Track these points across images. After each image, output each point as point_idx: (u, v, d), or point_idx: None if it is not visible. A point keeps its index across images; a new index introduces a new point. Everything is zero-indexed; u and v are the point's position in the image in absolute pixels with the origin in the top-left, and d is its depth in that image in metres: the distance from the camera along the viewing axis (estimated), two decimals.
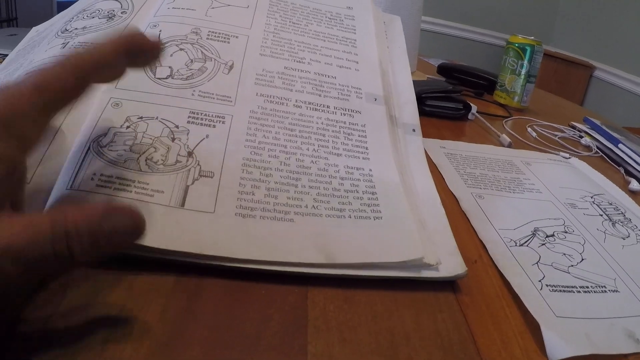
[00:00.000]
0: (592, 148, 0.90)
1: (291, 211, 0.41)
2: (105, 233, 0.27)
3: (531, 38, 1.10)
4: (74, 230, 0.26)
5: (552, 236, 0.51)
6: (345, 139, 0.49)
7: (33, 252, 0.25)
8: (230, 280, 0.36)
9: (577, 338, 0.37)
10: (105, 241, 0.27)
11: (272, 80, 0.51)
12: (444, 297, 0.39)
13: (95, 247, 0.27)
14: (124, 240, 0.29)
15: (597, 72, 3.82)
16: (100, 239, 0.27)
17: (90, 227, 0.27)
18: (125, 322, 0.31)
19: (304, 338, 0.32)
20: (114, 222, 0.28)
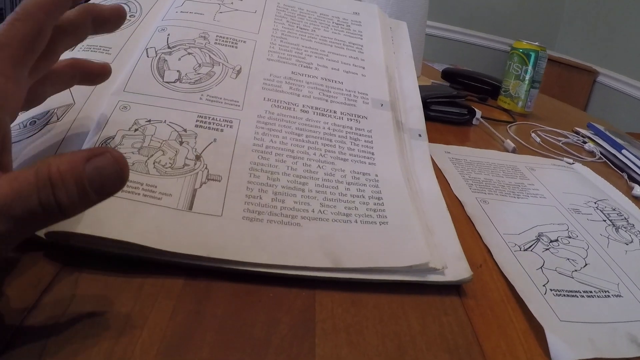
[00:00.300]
0: (595, 154, 0.90)
1: (298, 215, 0.41)
2: (90, 179, 0.27)
3: (536, 44, 1.10)
4: (59, 178, 0.26)
5: (556, 241, 0.51)
6: (351, 144, 0.49)
7: (19, 206, 0.25)
8: (239, 283, 0.36)
9: (580, 342, 0.37)
10: (91, 187, 0.27)
11: (279, 85, 0.52)
12: (450, 300, 0.39)
13: (83, 195, 0.27)
14: (111, 185, 0.28)
15: (600, 77, 3.80)
16: (86, 185, 0.26)
17: (75, 174, 0.26)
18: (134, 324, 0.31)
19: (312, 341, 0.32)
20: (98, 165, 0.27)
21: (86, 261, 0.35)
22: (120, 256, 0.35)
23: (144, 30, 0.54)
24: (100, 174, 0.27)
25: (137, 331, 0.30)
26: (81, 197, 0.26)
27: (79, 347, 0.28)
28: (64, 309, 0.31)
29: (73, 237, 0.34)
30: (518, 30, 4.12)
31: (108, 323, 0.30)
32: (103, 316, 0.31)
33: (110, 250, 0.35)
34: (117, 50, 0.51)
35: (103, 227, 0.35)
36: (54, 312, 0.31)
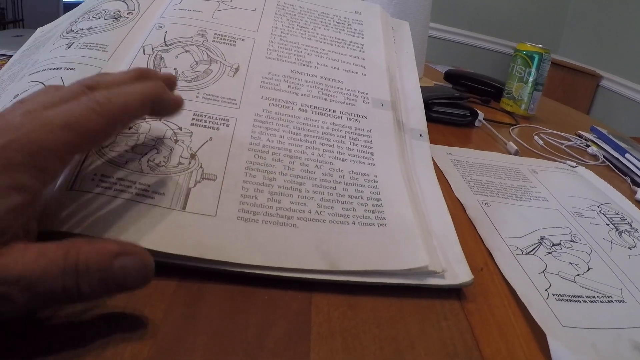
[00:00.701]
0: (598, 157, 0.89)
1: (294, 216, 0.40)
2: (114, 274, 0.28)
3: (539, 46, 1.10)
4: (85, 267, 0.27)
5: (559, 245, 0.50)
6: (350, 144, 0.48)
7: (43, 284, 0.26)
8: (233, 285, 0.35)
9: (583, 348, 0.36)
10: (113, 282, 0.28)
11: (277, 83, 0.51)
12: (450, 304, 0.38)
13: (104, 287, 0.28)
14: (133, 283, 0.29)
15: (603, 81, 3.80)
16: (109, 279, 0.28)
17: (101, 269, 0.27)
18: (125, 326, 0.30)
19: (306, 345, 0.32)
20: (124, 265, 0.28)
21: None
22: None
23: (141, 28, 0.53)
24: (125, 274, 0.28)
25: (127, 334, 0.30)
26: (101, 289, 0.28)
27: (67, 350, 0.28)
28: (54, 310, 0.30)
29: (66, 237, 0.33)
30: (521, 34, 4.11)
31: (97, 326, 0.30)
32: (92, 318, 0.30)
33: None
34: (113, 47, 0.50)
35: (95, 227, 0.34)
36: (42, 314, 0.30)
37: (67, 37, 0.52)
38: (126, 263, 0.28)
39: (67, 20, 0.57)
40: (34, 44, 0.58)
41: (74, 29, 0.53)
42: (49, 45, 0.53)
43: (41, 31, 0.62)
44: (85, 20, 0.54)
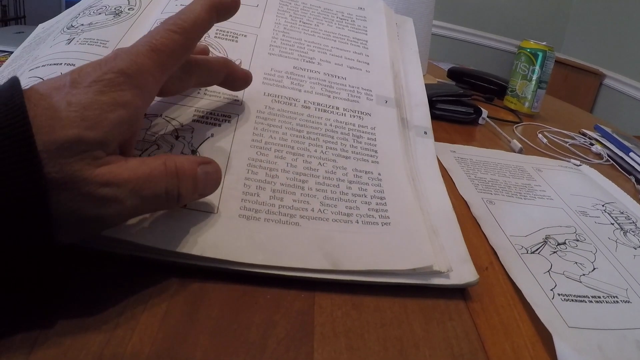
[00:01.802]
0: (603, 156, 0.89)
1: (297, 214, 0.40)
2: (200, 180, 0.34)
3: (543, 44, 1.09)
4: (183, 173, 0.32)
5: (564, 244, 0.50)
6: (354, 142, 0.48)
7: (148, 187, 0.30)
8: (235, 284, 0.35)
9: (589, 349, 0.36)
10: (201, 185, 0.34)
11: (280, 80, 0.50)
12: (454, 304, 0.38)
13: (193, 191, 0.34)
14: (213, 187, 0.36)
15: (607, 80, 3.80)
16: (199, 183, 0.34)
17: (192, 173, 0.33)
18: (124, 326, 0.30)
19: (310, 345, 0.31)
20: (207, 171, 0.35)
21: (77, 260, 0.34)
22: (112, 255, 0.34)
23: (143, 23, 0.53)
24: (206, 178, 0.35)
25: (128, 333, 0.29)
26: (191, 193, 0.34)
27: (67, 348, 0.28)
28: (54, 309, 0.30)
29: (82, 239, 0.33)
30: (525, 32, 4.12)
31: (98, 324, 0.30)
32: (93, 317, 0.30)
33: (101, 249, 0.34)
34: (114, 43, 0.49)
35: None
36: (42, 312, 0.30)
37: (67, 32, 0.51)
38: (208, 169, 0.35)
39: (68, 16, 0.57)
40: (35, 40, 0.57)
41: (75, 25, 0.52)
42: (49, 41, 0.52)
43: (42, 27, 0.61)
44: (86, 16, 0.54)
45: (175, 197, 0.32)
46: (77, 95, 0.29)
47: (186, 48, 0.35)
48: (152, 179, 0.30)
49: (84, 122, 0.28)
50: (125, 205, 0.29)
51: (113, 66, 0.31)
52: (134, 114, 0.31)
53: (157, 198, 0.31)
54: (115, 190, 0.28)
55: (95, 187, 0.27)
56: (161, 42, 0.33)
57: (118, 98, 0.30)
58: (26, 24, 3.95)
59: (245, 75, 0.45)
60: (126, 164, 0.30)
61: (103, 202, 0.28)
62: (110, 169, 0.28)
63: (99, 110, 0.29)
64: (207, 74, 0.42)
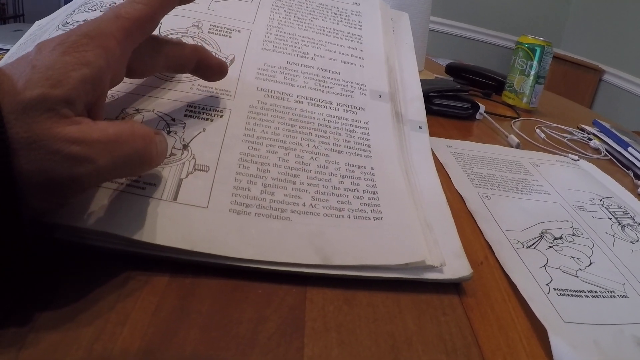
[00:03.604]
0: (601, 151, 0.89)
1: (288, 209, 0.39)
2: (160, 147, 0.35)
3: (541, 39, 1.09)
4: (149, 137, 0.33)
5: (560, 239, 0.50)
6: (347, 136, 0.47)
7: (120, 148, 0.31)
8: (226, 279, 0.35)
9: (585, 345, 0.36)
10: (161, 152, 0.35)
11: (273, 75, 0.50)
12: (448, 299, 0.38)
13: (157, 157, 0.34)
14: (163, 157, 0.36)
15: (606, 76, 3.80)
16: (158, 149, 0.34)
17: (154, 138, 0.34)
18: (115, 321, 0.30)
19: (300, 340, 0.31)
20: (161, 139, 0.35)
21: (68, 255, 0.34)
22: (103, 250, 0.34)
23: None
24: (161, 147, 0.35)
25: (119, 328, 0.29)
26: (156, 158, 0.34)
27: (58, 343, 0.28)
28: (45, 304, 0.30)
29: (57, 229, 0.33)
30: (523, 27, 4.08)
31: (89, 319, 0.29)
32: (84, 312, 0.30)
33: (93, 243, 0.34)
34: None
35: (86, 218, 0.33)
36: (34, 306, 0.30)
37: (62, 29, 0.51)
38: (161, 139, 0.35)
39: (64, 13, 0.56)
40: (31, 38, 0.57)
41: (70, 22, 0.52)
42: (44, 38, 0.52)
43: (38, 25, 0.61)
44: (81, 13, 0.54)
45: (146, 159, 0.33)
46: (40, 60, 0.29)
47: (150, 18, 0.36)
48: (123, 140, 0.31)
49: (48, 81, 0.28)
50: (98, 164, 0.29)
51: (76, 31, 0.32)
52: (97, 74, 0.31)
53: (129, 159, 0.32)
54: (86, 149, 0.29)
55: (65, 145, 0.28)
56: (125, 11, 0.34)
57: (81, 58, 0.30)
58: (25, 22, 3.95)
59: (219, 65, 0.44)
60: (95, 124, 0.30)
61: (75, 160, 0.28)
62: (79, 127, 0.29)
63: (63, 69, 0.29)
64: (177, 55, 0.42)
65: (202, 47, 0.43)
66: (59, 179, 0.28)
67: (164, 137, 0.36)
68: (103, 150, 0.29)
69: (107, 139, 0.30)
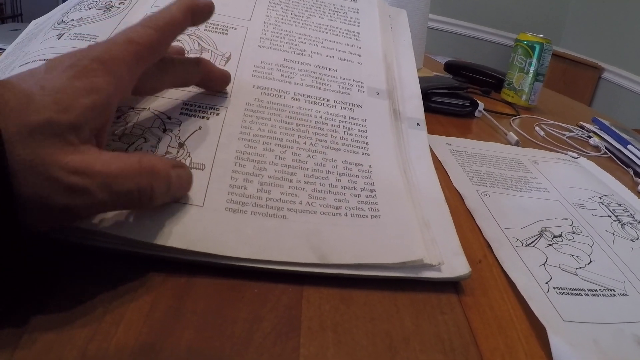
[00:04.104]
0: (600, 148, 0.88)
1: (284, 207, 0.39)
2: (175, 181, 0.34)
3: (540, 36, 1.08)
4: (157, 173, 0.32)
5: (560, 237, 0.49)
6: (344, 134, 0.47)
7: (121, 183, 0.30)
8: (222, 278, 0.34)
9: (584, 344, 0.35)
10: (174, 188, 0.34)
11: (270, 72, 0.50)
12: (446, 298, 0.37)
13: (165, 192, 0.33)
14: (184, 190, 0.36)
15: (606, 73, 3.79)
16: (172, 185, 0.34)
17: (166, 174, 0.33)
18: (109, 321, 0.29)
19: (296, 340, 0.31)
20: (179, 174, 0.35)
21: (63, 254, 0.34)
22: (98, 249, 0.34)
23: (133, 18, 0.52)
24: (179, 182, 0.35)
25: (113, 328, 0.29)
26: (164, 194, 0.33)
27: (52, 343, 0.27)
28: (39, 304, 0.30)
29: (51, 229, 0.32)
30: (523, 25, 4.10)
31: (83, 319, 0.29)
32: (78, 312, 0.30)
33: (87, 243, 0.34)
34: (104, 38, 0.49)
35: None
36: (28, 307, 0.29)
37: (58, 28, 0.51)
38: (181, 173, 0.35)
39: (60, 12, 0.56)
40: (27, 37, 0.57)
41: (65, 20, 0.52)
42: (40, 36, 0.52)
43: (35, 24, 0.61)
44: (77, 11, 0.53)
45: (148, 196, 0.32)
46: (50, 80, 0.29)
47: (160, 44, 0.37)
48: (125, 175, 0.30)
49: (56, 106, 0.28)
50: (95, 198, 0.29)
51: (88, 53, 0.31)
52: (106, 101, 0.31)
53: (129, 195, 0.30)
54: (86, 181, 0.28)
55: (64, 174, 0.27)
56: (137, 35, 0.35)
57: (91, 84, 0.30)
58: (23, 21, 3.95)
59: (222, 75, 0.46)
60: (100, 156, 0.30)
61: (72, 191, 0.28)
62: (82, 157, 0.28)
63: (72, 94, 0.29)
64: (182, 72, 0.42)
65: (205, 60, 0.44)
66: (54, 206, 0.28)
67: (185, 171, 0.36)
68: (102, 184, 0.29)
69: (108, 173, 0.29)
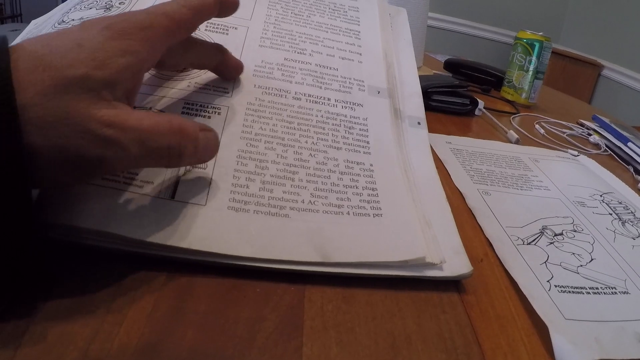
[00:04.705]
0: (600, 146, 0.88)
1: (287, 206, 0.39)
2: (203, 143, 0.35)
3: (540, 34, 1.08)
4: (186, 133, 0.33)
5: (561, 235, 0.49)
6: (345, 133, 0.47)
7: (153, 139, 0.31)
8: (224, 277, 0.34)
9: (586, 342, 0.35)
10: (201, 150, 0.35)
11: (271, 71, 0.50)
12: (448, 297, 0.37)
13: (193, 153, 0.34)
14: (211, 153, 0.37)
15: (605, 71, 3.79)
16: (199, 147, 0.34)
17: (195, 135, 0.34)
18: (111, 321, 0.29)
19: (299, 340, 0.31)
20: (207, 137, 0.35)
21: (64, 254, 0.33)
22: (100, 249, 0.34)
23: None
24: (206, 144, 0.35)
25: (115, 328, 0.29)
26: (192, 155, 0.34)
27: (54, 344, 0.27)
28: (41, 304, 0.30)
29: (52, 228, 0.33)
30: (522, 23, 4.08)
31: (85, 319, 0.29)
32: (80, 312, 0.30)
33: (89, 243, 0.34)
34: None
35: (82, 217, 0.33)
36: (30, 307, 0.29)
37: (58, 28, 0.51)
38: (209, 135, 0.36)
39: (60, 12, 0.56)
40: (27, 37, 0.57)
41: (66, 20, 0.52)
42: None
43: (35, 24, 0.61)
44: (77, 11, 0.53)
45: (177, 155, 0.33)
46: (87, 39, 0.30)
47: (191, 23, 0.38)
48: (158, 132, 0.31)
49: (92, 62, 0.29)
50: (128, 151, 0.30)
51: (125, 17, 0.33)
52: (139, 64, 0.32)
53: (159, 152, 0.31)
54: (120, 134, 0.29)
55: (99, 126, 0.28)
56: (172, 11, 0.35)
57: (127, 45, 0.31)
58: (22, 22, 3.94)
59: (237, 64, 0.47)
60: (133, 112, 0.31)
61: (106, 142, 0.29)
62: (116, 112, 0.29)
63: (109, 53, 0.30)
64: (202, 54, 0.43)
65: (224, 48, 0.45)
66: (86, 158, 0.29)
67: (213, 134, 0.36)
68: (135, 139, 0.30)
69: (141, 128, 0.30)
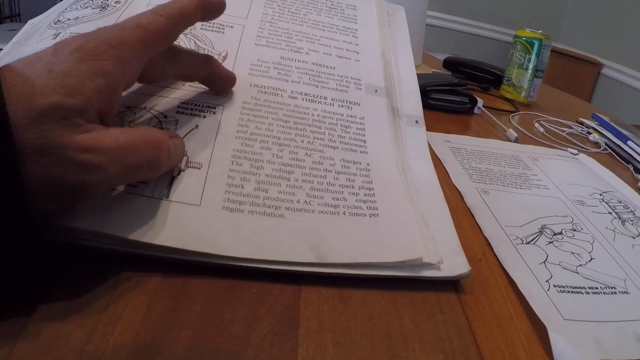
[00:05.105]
0: (600, 145, 0.88)
1: (282, 206, 0.39)
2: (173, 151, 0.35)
3: (539, 32, 1.08)
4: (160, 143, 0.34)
5: (560, 234, 0.49)
6: (342, 132, 0.47)
7: (131, 156, 0.31)
8: (219, 278, 0.34)
9: (585, 343, 0.35)
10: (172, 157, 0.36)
11: (267, 70, 0.49)
12: (446, 297, 0.37)
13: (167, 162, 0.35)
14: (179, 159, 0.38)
15: (605, 69, 3.79)
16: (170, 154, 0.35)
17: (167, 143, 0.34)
18: (106, 321, 0.29)
19: (294, 340, 0.30)
20: (176, 143, 0.36)
21: (59, 255, 0.33)
22: (95, 249, 0.34)
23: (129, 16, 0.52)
24: (175, 151, 0.36)
25: (110, 328, 0.29)
26: (166, 163, 0.35)
27: (50, 344, 0.27)
28: (36, 305, 0.29)
29: (48, 229, 0.33)
30: (521, 21, 4.09)
31: (80, 320, 0.29)
32: (75, 313, 0.30)
33: (84, 243, 0.33)
34: None
35: (76, 218, 0.33)
36: (25, 307, 0.29)
37: (54, 27, 0.51)
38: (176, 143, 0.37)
39: (56, 11, 0.56)
40: (24, 37, 0.56)
41: (62, 19, 0.52)
42: (36, 36, 0.51)
43: (31, 23, 0.60)
44: (73, 10, 0.53)
45: (155, 166, 0.33)
46: (57, 64, 0.29)
47: (169, 33, 0.37)
48: (134, 148, 0.31)
49: (63, 89, 0.28)
50: (108, 172, 0.30)
51: (96, 36, 0.32)
52: (112, 84, 0.32)
53: (139, 167, 0.32)
54: (98, 157, 0.29)
55: (77, 153, 0.28)
56: (146, 22, 0.34)
57: (98, 67, 0.30)
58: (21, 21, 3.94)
59: (229, 76, 0.46)
60: (107, 132, 0.30)
61: (86, 168, 0.29)
62: (91, 136, 0.29)
63: (79, 77, 0.29)
64: (189, 65, 0.42)
65: (213, 58, 0.44)
66: (69, 185, 0.29)
67: (179, 140, 0.37)
68: (114, 158, 0.30)
69: (118, 147, 0.30)
